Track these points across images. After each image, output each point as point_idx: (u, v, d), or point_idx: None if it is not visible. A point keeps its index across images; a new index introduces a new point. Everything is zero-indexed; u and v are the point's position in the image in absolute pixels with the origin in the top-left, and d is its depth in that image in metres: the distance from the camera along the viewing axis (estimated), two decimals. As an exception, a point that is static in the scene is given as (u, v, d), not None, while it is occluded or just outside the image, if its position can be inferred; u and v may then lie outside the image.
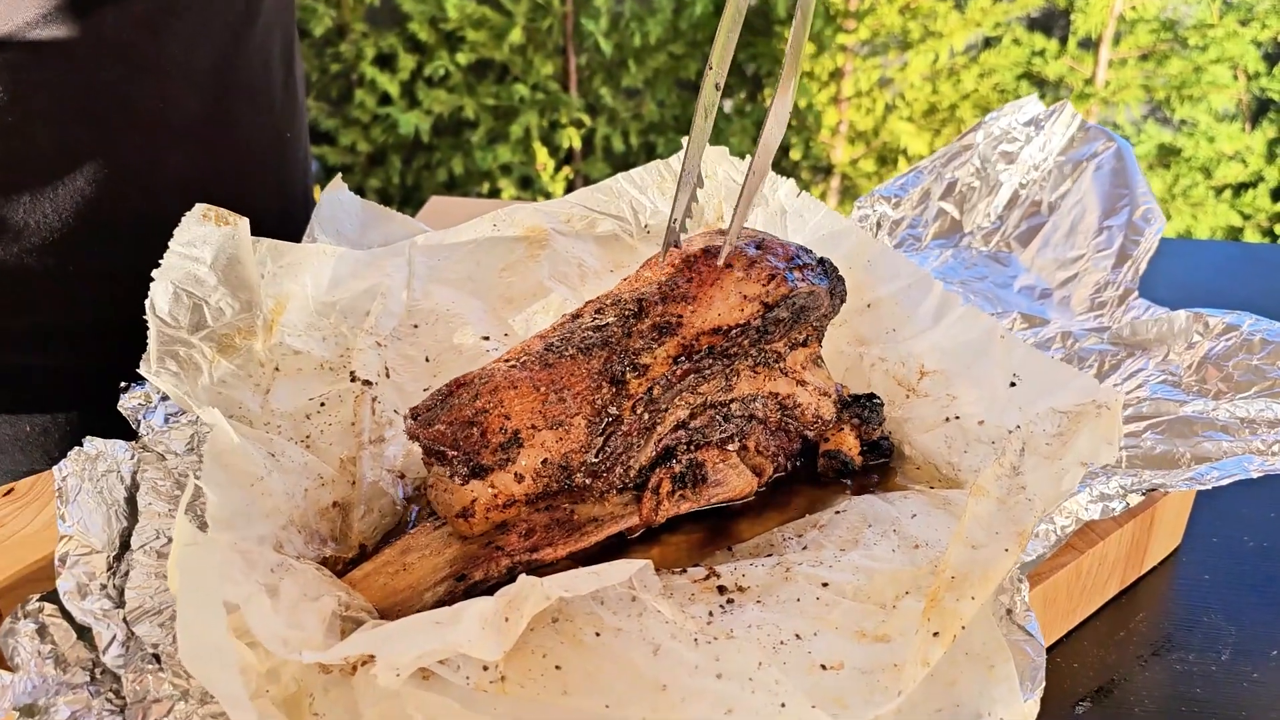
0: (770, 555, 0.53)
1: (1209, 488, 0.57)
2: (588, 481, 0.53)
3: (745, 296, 0.56)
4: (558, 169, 3.59)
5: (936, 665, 0.44)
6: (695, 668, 0.43)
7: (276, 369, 0.61)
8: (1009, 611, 0.48)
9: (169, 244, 0.61)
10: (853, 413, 0.61)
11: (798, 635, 0.47)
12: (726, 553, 0.55)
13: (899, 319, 0.68)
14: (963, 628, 0.44)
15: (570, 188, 3.51)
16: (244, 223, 0.63)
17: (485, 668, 0.45)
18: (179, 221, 0.62)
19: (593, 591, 0.47)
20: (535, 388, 0.52)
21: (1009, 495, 0.50)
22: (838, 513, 0.56)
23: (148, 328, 0.59)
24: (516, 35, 3.58)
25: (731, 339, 0.56)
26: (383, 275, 0.68)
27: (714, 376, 0.56)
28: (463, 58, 3.63)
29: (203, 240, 0.62)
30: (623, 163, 3.66)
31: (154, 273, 0.60)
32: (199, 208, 0.63)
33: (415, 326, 0.67)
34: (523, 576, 0.44)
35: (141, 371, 0.58)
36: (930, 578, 0.49)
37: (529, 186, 3.61)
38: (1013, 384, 0.62)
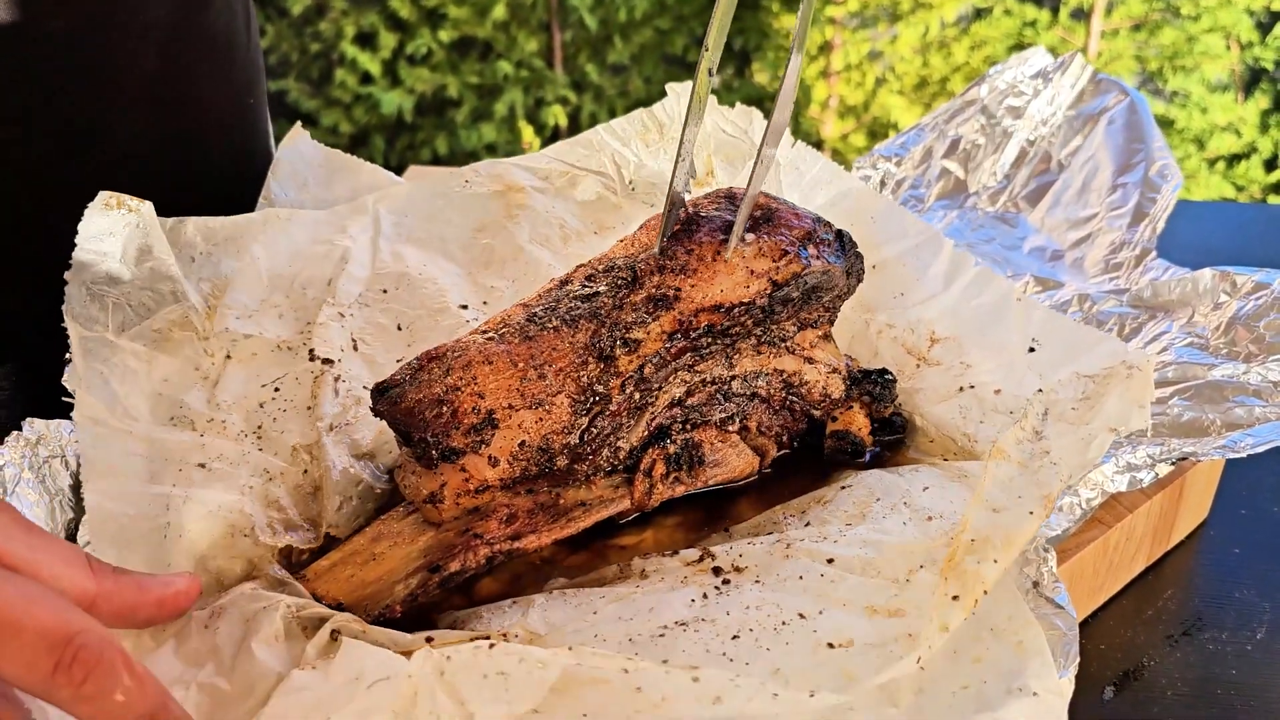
0: (770, 534, 0.49)
1: (1243, 455, 0.53)
2: (571, 465, 0.48)
3: (753, 273, 0.51)
4: (544, 146, 3.53)
5: (959, 644, 0.40)
6: (666, 674, 0.38)
7: (228, 356, 0.55)
8: (1035, 584, 0.44)
9: (74, 240, 0.54)
10: (863, 390, 0.57)
11: (801, 614, 0.43)
12: (723, 534, 0.51)
13: (907, 282, 0.63)
14: (985, 593, 0.40)
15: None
16: (147, 206, 0.56)
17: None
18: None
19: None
20: (513, 363, 0.48)
21: (1031, 459, 0.46)
22: (843, 488, 0.52)
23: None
24: (500, 11, 3.51)
25: (733, 318, 0.51)
26: (345, 238, 0.63)
27: (713, 356, 0.51)
28: (445, 35, 3.56)
29: (108, 232, 0.55)
30: (610, 140, 3.60)
31: (65, 275, 0.54)
32: (101, 195, 0.56)
33: (384, 291, 0.62)
34: (425, 648, 0.39)
35: (66, 384, 0.51)
36: (946, 549, 0.45)
37: (514, 166, 3.55)
38: (1031, 349, 0.57)
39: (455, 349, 0.48)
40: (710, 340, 0.51)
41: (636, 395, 0.49)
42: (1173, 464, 0.53)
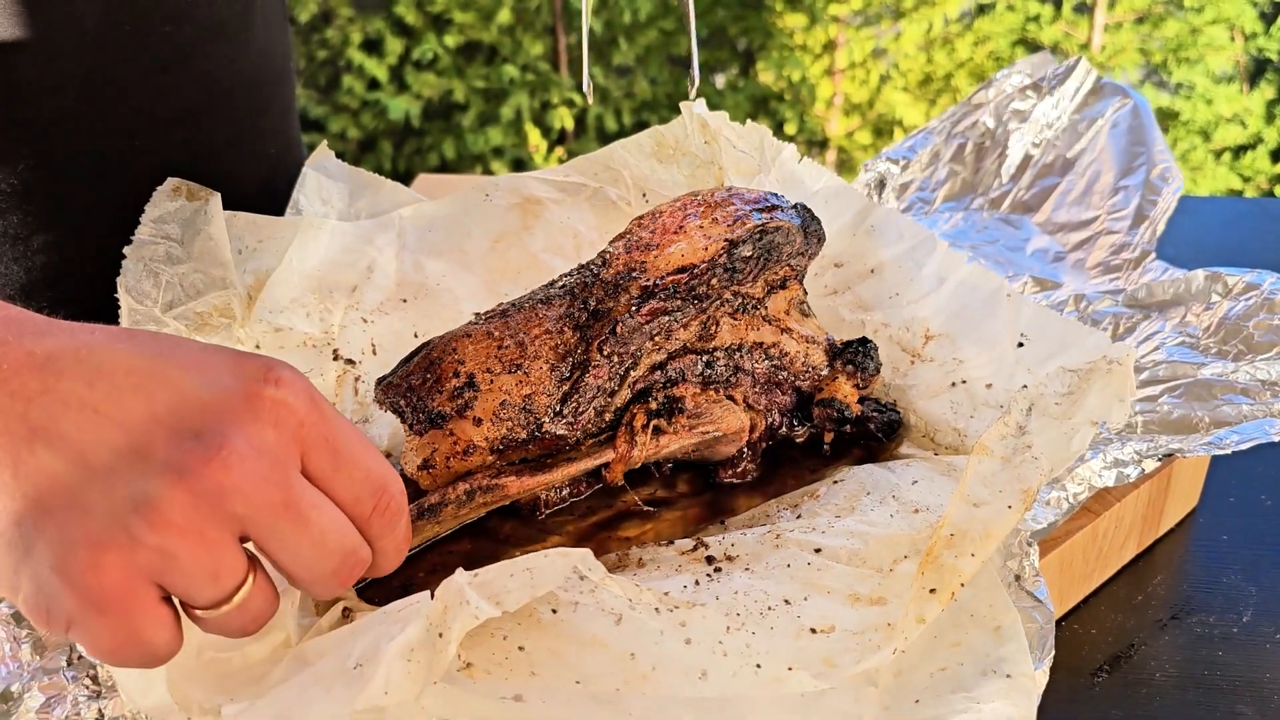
0: (763, 525, 0.52)
1: (1228, 452, 0.55)
2: (558, 430, 0.51)
3: (709, 237, 0.54)
4: (550, 150, 3.56)
5: (940, 629, 0.43)
6: (661, 634, 0.41)
7: (257, 347, 0.59)
8: (1017, 578, 0.46)
9: (140, 220, 0.60)
10: (845, 359, 0.59)
11: (786, 600, 0.45)
12: (719, 526, 0.54)
13: (902, 282, 0.65)
14: (962, 585, 0.42)
15: (564, 168, 3.47)
16: (216, 197, 0.61)
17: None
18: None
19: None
20: (489, 334, 0.51)
21: (1014, 454, 0.47)
22: (836, 482, 0.54)
23: (119, 305, 0.57)
24: (505, 15, 3.54)
25: (697, 276, 0.54)
26: (373, 250, 0.66)
27: (687, 321, 0.54)
28: (451, 40, 3.58)
29: (173, 216, 0.60)
30: (616, 142, 3.63)
31: (125, 250, 0.59)
32: (170, 182, 0.61)
33: (404, 301, 0.65)
34: (458, 572, 0.40)
35: None
36: (928, 542, 0.47)
37: (522, 169, 3.57)
38: (1020, 344, 0.60)
39: (444, 336, 0.52)
40: (680, 302, 0.53)
41: (615, 359, 0.52)
42: (1159, 460, 0.55)
